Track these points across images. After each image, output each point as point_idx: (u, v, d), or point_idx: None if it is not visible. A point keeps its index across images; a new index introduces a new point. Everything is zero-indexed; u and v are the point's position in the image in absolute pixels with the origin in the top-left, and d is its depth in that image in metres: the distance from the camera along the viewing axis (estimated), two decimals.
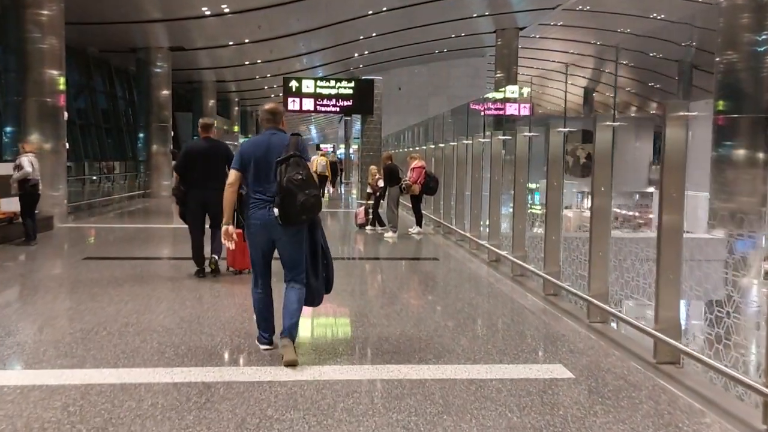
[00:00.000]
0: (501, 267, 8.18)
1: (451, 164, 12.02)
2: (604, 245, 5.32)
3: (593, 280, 5.31)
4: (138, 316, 5.27)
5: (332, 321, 5.40)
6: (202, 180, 6.71)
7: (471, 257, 9.04)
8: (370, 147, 17.61)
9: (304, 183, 4.04)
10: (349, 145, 40.59)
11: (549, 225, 6.43)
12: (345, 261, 8.56)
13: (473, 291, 6.76)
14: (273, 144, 4.22)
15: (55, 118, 12.00)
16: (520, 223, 7.52)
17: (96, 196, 16.47)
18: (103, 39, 19.53)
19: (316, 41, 24.03)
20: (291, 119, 59.05)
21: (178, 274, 7.15)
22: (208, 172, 6.70)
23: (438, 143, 13.02)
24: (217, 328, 4.97)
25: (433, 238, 11.44)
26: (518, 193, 7.56)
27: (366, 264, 8.46)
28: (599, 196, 5.35)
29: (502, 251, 8.30)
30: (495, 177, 8.66)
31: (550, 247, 6.39)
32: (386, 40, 26.70)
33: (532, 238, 8.07)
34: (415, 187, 11.25)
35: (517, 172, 7.54)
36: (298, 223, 4.12)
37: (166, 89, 20.17)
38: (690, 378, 4.04)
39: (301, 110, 17.17)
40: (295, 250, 4.23)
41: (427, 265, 8.48)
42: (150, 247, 9.38)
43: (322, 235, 4.39)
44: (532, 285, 6.98)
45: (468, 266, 8.28)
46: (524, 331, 5.10)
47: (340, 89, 17.12)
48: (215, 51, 22.40)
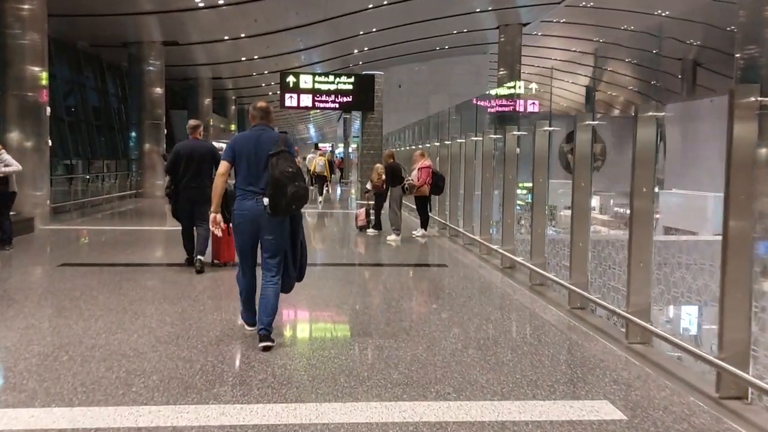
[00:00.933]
0: (516, 274, 7.49)
1: (457, 162, 11.34)
2: (646, 254, 4.62)
3: (633, 295, 4.61)
4: (108, 336, 4.57)
5: (331, 342, 4.69)
6: (191, 179, 7.17)
7: (482, 263, 8.35)
8: (370, 145, 16.91)
9: (295, 176, 4.31)
10: (349, 143, 39.86)
11: (575, 229, 5.73)
12: (344, 267, 7.86)
13: (489, 304, 6.06)
14: (263, 139, 4.45)
15: (37, 114, 11.28)
16: (539, 225, 6.81)
17: (85, 196, 15.73)
18: (94, 33, 18.81)
19: (315, 36, 23.30)
20: (289, 117, 58.37)
21: (161, 284, 6.45)
22: (196, 171, 7.16)
23: (444, 140, 12.31)
24: (198, 351, 4.26)
25: (439, 241, 10.74)
26: (537, 193, 6.86)
27: (367, 271, 7.76)
28: (640, 198, 4.64)
29: (517, 257, 7.61)
30: (509, 176, 7.96)
31: (577, 254, 5.69)
32: (386, 36, 26.00)
33: (551, 243, 7.38)
34: (424, 188, 10.54)
35: (536, 170, 6.84)
36: (286, 212, 4.37)
37: (159, 86, 19.45)
38: (761, 416, 3.35)
39: (299, 106, 16.47)
40: (278, 238, 4.45)
41: (435, 272, 7.78)
42: (135, 251, 8.68)
43: (301, 228, 4.61)
44: (553, 296, 6.29)
45: (480, 273, 7.58)
46: (555, 354, 4.40)
47: (339, 85, 16.43)
48: (210, 46, 21.67)
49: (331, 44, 25.10)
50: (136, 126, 19.41)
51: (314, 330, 5.09)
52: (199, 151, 7.22)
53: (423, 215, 11.15)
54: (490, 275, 7.49)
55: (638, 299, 4.60)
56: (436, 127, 14.48)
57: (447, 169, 11.97)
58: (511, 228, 7.94)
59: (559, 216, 14.12)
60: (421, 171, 10.75)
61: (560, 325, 5.18)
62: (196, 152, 7.20)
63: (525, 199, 14.19)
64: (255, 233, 4.44)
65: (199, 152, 7.21)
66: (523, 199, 14.62)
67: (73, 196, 14.86)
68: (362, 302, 5.90)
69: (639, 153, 4.65)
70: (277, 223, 4.41)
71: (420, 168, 10.76)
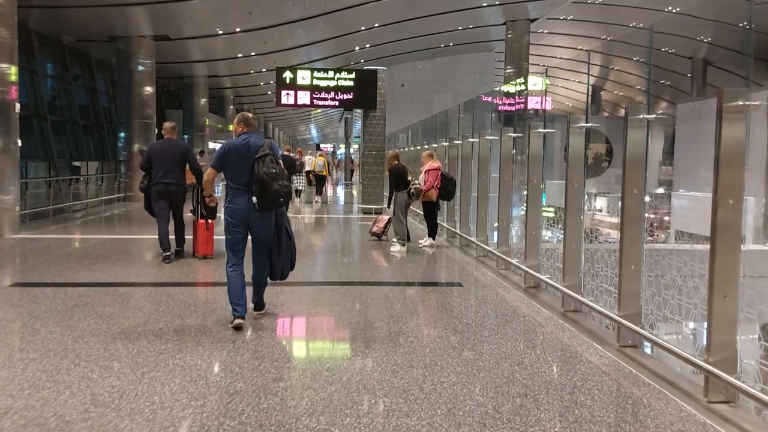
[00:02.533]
0: (542, 295, 6.42)
1: (468, 163, 10.26)
2: (732, 286, 3.53)
3: (716, 349, 3.52)
4: (31, 393, 3.50)
5: (326, 402, 3.59)
6: (164, 175, 7.73)
7: (500, 280, 7.26)
8: (372, 145, 15.80)
9: (278, 176, 4.83)
10: (350, 144, 38.79)
11: (626, 243, 4.64)
12: (340, 288, 6.78)
13: (518, 339, 4.97)
14: (251, 145, 4.96)
15: (6, 113, 10.22)
16: (573, 239, 5.72)
17: (67, 200, 14.67)
18: (79, 26, 17.75)
19: (314, 32, 22.25)
20: (290, 118, 57.37)
21: (121, 311, 5.37)
22: (169, 168, 7.74)
23: (453, 140, 11.22)
24: (144, 421, 3.18)
25: (449, 252, 9.66)
26: (572, 199, 5.76)
27: (367, 292, 6.67)
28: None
29: (542, 274, 6.52)
30: (533, 180, 6.86)
31: (628, 278, 4.60)
32: (389, 32, 24.95)
33: None
34: (432, 192, 9.47)
35: (570, 173, 5.75)
36: (272, 208, 4.93)
37: (149, 83, 18.38)
38: None
39: (296, 104, 15.36)
40: (265, 230, 5.04)
41: (447, 293, 6.68)
42: (105, 267, 7.61)
43: (287, 221, 5.26)
44: (593, 326, 5.21)
45: (500, 296, 6.48)
46: (621, 425, 3.31)
47: (339, 81, 15.32)
48: (204, 41, 20.60)
49: (331, 40, 24.05)
50: (125, 125, 18.34)
51: (300, 387, 4.01)
52: (172, 150, 7.88)
53: (431, 223, 10.08)
54: (513, 297, 6.40)
55: (721, 350, 3.51)
56: (443, 125, 13.41)
57: (457, 171, 10.92)
58: (536, 240, 6.85)
59: None
60: (429, 174, 9.68)
61: (613, 373, 4.09)
62: (170, 151, 7.86)
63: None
64: (244, 225, 4.99)
65: (172, 151, 7.88)
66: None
67: (53, 200, 13.78)
68: (363, 338, 4.81)
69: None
70: (266, 217, 5.01)
71: (428, 170, 9.69)
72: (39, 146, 16.59)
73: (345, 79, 15.36)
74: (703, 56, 33.40)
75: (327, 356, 4.51)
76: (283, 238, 5.19)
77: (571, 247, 5.71)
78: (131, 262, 7.96)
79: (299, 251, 5.75)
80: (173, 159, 7.77)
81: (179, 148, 7.90)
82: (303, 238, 10.83)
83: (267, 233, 5.06)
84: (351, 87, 15.34)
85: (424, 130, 16.26)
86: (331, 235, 12.32)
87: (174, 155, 7.79)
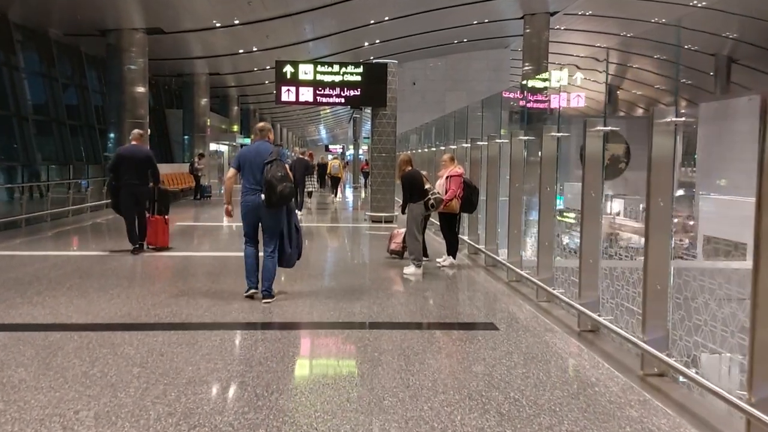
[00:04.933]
0: (604, 344, 4.89)
1: (495, 168, 8.73)
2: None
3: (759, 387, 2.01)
4: None
5: None
6: (130, 178, 8.48)
7: (544, 318, 5.74)
8: (381, 147, 14.30)
9: (283, 178, 5.79)
10: (359, 145, 37.32)
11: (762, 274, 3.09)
12: (339, 333, 5.27)
13: (596, 429, 3.42)
14: (261, 150, 6.00)
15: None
16: (658, 277, 4.17)
17: (45, 207, 13.27)
18: (67, 19, 16.38)
19: (320, 26, 20.81)
20: (298, 119, 55.98)
21: (34, 377, 3.88)
22: (134, 171, 8.51)
23: (476, 140, 9.68)
24: None
25: (473, 274, 8.13)
26: (657, 216, 4.20)
27: (374, 340, 5.15)
28: None
29: (603, 318, 4.97)
30: (591, 191, 5.31)
31: (764, 340, 3.05)
32: (400, 26, 23.46)
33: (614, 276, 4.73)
34: (454, 203, 7.96)
35: (657, 176, 4.19)
36: (277, 205, 5.85)
37: (142, 80, 17.00)
38: None
39: (298, 101, 13.89)
40: (274, 224, 5.99)
41: (480, 342, 5.11)
42: (51, 297, 6.17)
43: (295, 218, 6.17)
44: (684, 399, 3.66)
45: (552, 346, 4.94)
46: None
47: (345, 76, 13.82)
48: (201, 36, 19.18)
49: (338, 35, 22.61)
50: (115, 126, 16.95)
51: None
52: (138, 155, 8.68)
53: (451, 238, 8.56)
54: (569, 349, 4.86)
55: None
56: (461, 124, 11.90)
57: (479, 177, 9.41)
58: (594, 268, 5.30)
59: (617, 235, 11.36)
60: (450, 180, 8.15)
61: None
62: (136, 156, 8.66)
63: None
64: (256, 219, 6.00)
65: (138, 156, 8.68)
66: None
67: (27, 208, 12.38)
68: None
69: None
70: (273, 213, 5.90)
71: (450, 176, 8.16)
72: (19, 148, 15.22)
73: (352, 74, 13.86)
74: (727, 53, 31.70)
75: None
76: (292, 231, 6.10)
77: (655, 288, 4.16)
78: (85, 291, 6.49)
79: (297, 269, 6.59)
80: (140, 163, 8.66)
81: (145, 154, 8.82)
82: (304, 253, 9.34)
83: (274, 226, 5.95)
84: (358, 82, 13.85)
85: (438, 129, 14.74)
86: (336, 251, 10.82)
87: (140, 159, 8.68)
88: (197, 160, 20.60)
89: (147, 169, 8.69)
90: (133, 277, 7.42)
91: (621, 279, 5.54)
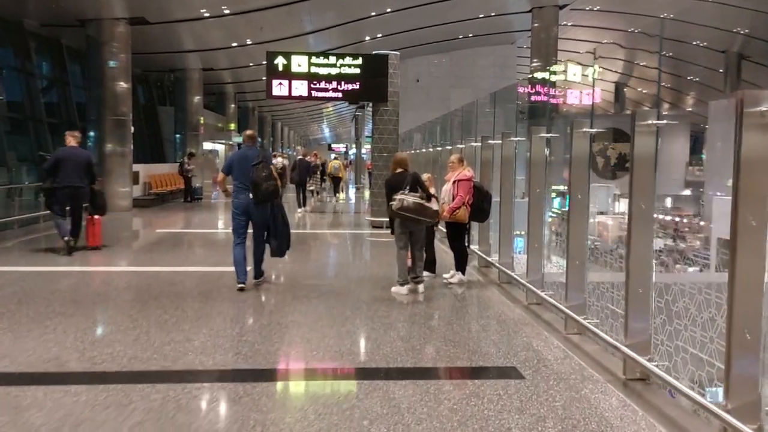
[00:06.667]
0: (654, 397, 3.74)
1: (510, 169, 7.57)
2: None
3: None
4: None
5: None
6: (72, 180, 8.74)
7: (579, 358, 4.58)
8: (383, 145, 13.14)
9: (267, 177, 6.50)
10: (361, 144, 36.14)
11: None
12: (321, 390, 4.11)
13: None
14: (249, 155, 6.69)
15: None
16: (750, 301, 3.01)
17: (13, 213, 12.11)
18: (43, 8, 15.22)
19: (317, 18, 19.62)
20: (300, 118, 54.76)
21: None
22: (72, 173, 8.73)
23: (487, 138, 8.49)
24: None
25: (485, 294, 6.96)
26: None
27: (362, 399, 3.99)
28: None
29: (652, 364, 3.81)
30: (640, 202, 4.13)
31: None
32: (403, 19, 22.25)
33: None
34: (461, 212, 6.79)
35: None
36: (264, 202, 6.57)
37: (124, 75, 15.80)
38: None
39: (291, 96, 12.73)
40: (261, 218, 6.69)
41: (501, 399, 3.90)
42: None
43: (281, 211, 6.85)
44: None
45: (594, 404, 3.77)
46: None
47: (342, 68, 12.65)
48: (190, 27, 17.99)
49: (337, 28, 21.40)
50: (95, 123, 15.78)
51: None
52: (77, 158, 8.85)
53: (459, 251, 7.38)
54: (616, 408, 3.68)
55: None
56: (468, 122, 10.75)
57: (491, 179, 8.27)
58: (646, 299, 4.13)
59: None
60: (458, 185, 6.97)
61: None
62: (74, 158, 8.81)
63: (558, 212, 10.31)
64: (245, 215, 6.68)
65: (76, 158, 8.85)
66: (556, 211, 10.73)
67: None
68: None
69: None
70: (260, 209, 6.63)
71: (457, 180, 6.98)
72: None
73: (349, 66, 12.69)
74: (737, 50, 30.47)
75: None
76: (279, 224, 6.78)
77: (741, 334, 2.98)
78: (17, 323, 5.33)
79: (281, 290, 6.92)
80: (79, 165, 8.79)
81: (84, 156, 9.09)
82: (292, 269, 8.19)
83: (262, 220, 6.68)
84: (357, 75, 12.68)
85: (444, 127, 13.56)
86: (329, 263, 9.67)
87: (79, 161, 8.84)
88: (187, 160, 19.44)
89: (88, 170, 8.90)
90: (82, 301, 6.26)
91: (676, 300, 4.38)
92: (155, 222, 14.41)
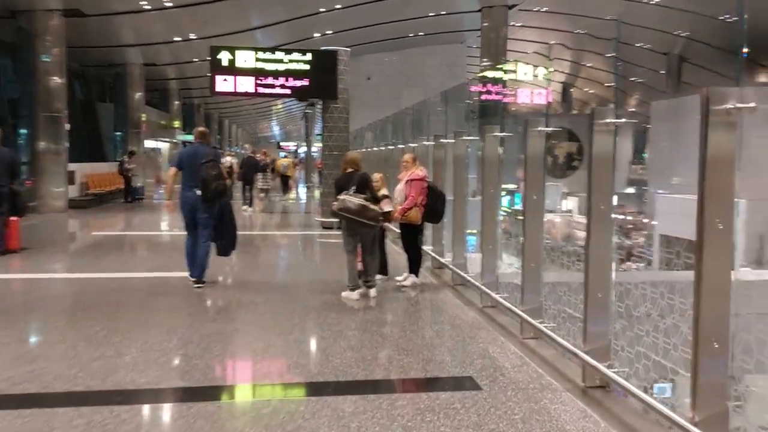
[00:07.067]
0: (613, 405, 3.57)
1: (463, 169, 7.40)
2: None
3: None
4: None
5: None
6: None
7: (536, 365, 4.40)
8: (334, 144, 12.84)
9: (216, 176, 6.49)
10: (311, 142, 35.63)
11: None
12: (264, 408, 3.81)
13: None
14: (200, 152, 6.63)
15: None
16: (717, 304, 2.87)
17: None
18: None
19: (265, 13, 19.14)
20: (248, 116, 53.72)
21: None
22: None
23: (440, 137, 8.29)
24: None
25: (438, 296, 6.76)
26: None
27: (309, 419, 3.73)
28: None
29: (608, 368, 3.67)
30: (599, 202, 3.99)
31: None
32: (353, 16, 22.00)
33: None
34: (414, 212, 6.57)
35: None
36: (212, 200, 6.54)
37: (58, 70, 14.96)
38: None
39: (236, 93, 12.28)
40: (207, 217, 6.64)
41: (459, 414, 3.65)
42: None
43: (229, 211, 6.92)
44: None
45: (551, 412, 3.59)
46: None
47: (291, 64, 12.26)
48: (130, 20, 17.23)
49: (286, 23, 20.95)
50: (27, 120, 14.90)
51: None
52: (5, 157, 8.70)
53: (413, 253, 7.17)
54: (577, 422, 3.51)
55: None
56: (421, 120, 10.57)
57: (444, 179, 8.09)
58: (606, 302, 3.99)
59: None
60: (411, 185, 6.75)
61: None
62: (3, 158, 8.64)
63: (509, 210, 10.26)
64: (193, 213, 6.63)
65: (5, 158, 8.69)
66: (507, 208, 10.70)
67: None
68: None
69: None
70: (207, 207, 6.58)
71: (410, 180, 6.76)
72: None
73: (298, 62, 12.32)
74: (679, 52, 31.50)
75: None
76: (227, 224, 6.86)
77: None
78: None
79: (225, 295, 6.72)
80: (5, 165, 8.62)
81: (10, 155, 8.93)
82: (238, 272, 7.80)
83: (207, 219, 6.65)
84: (306, 71, 12.31)
85: (396, 125, 13.35)
86: (277, 265, 9.32)
87: (7, 161, 8.68)
88: (128, 159, 18.62)
89: (10, 169, 8.73)
90: (5, 311, 5.73)
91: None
92: (91, 223, 13.68)
